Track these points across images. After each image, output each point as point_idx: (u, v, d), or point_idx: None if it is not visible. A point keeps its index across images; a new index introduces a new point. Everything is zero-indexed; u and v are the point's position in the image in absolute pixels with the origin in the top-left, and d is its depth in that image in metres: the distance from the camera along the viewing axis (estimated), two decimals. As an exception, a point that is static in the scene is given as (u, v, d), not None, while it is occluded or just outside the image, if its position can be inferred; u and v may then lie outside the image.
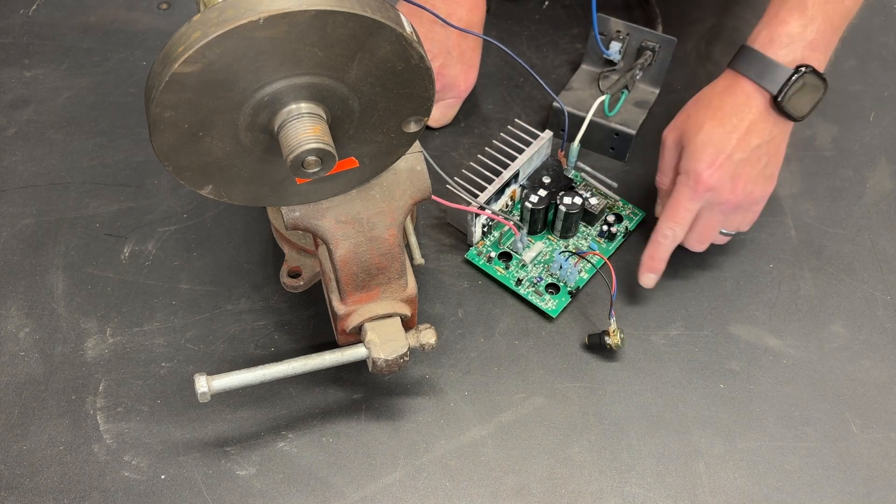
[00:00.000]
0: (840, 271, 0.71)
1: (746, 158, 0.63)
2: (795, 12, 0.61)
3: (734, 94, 0.63)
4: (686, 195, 0.64)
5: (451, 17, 0.72)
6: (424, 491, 0.59)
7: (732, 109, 0.63)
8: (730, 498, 0.59)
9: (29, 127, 0.79)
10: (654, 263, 0.66)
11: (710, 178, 0.62)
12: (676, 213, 0.65)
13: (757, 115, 0.62)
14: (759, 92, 0.62)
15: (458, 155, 0.78)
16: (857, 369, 0.65)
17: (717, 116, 0.63)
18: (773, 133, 0.63)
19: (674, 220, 0.65)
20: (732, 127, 0.62)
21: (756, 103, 0.62)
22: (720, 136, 0.62)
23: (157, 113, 0.42)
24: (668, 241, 0.65)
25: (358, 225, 0.54)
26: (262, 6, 0.40)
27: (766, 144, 0.63)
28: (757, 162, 0.63)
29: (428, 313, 0.67)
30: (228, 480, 0.59)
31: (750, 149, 0.62)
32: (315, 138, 0.44)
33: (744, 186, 0.63)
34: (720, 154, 0.62)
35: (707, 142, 0.63)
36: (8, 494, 0.57)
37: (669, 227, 0.65)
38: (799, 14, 0.61)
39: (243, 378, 0.54)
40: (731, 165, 0.62)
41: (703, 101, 0.65)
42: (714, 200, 0.64)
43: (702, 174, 0.63)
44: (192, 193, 0.74)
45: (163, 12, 0.90)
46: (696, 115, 0.65)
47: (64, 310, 0.67)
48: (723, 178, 0.63)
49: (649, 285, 0.66)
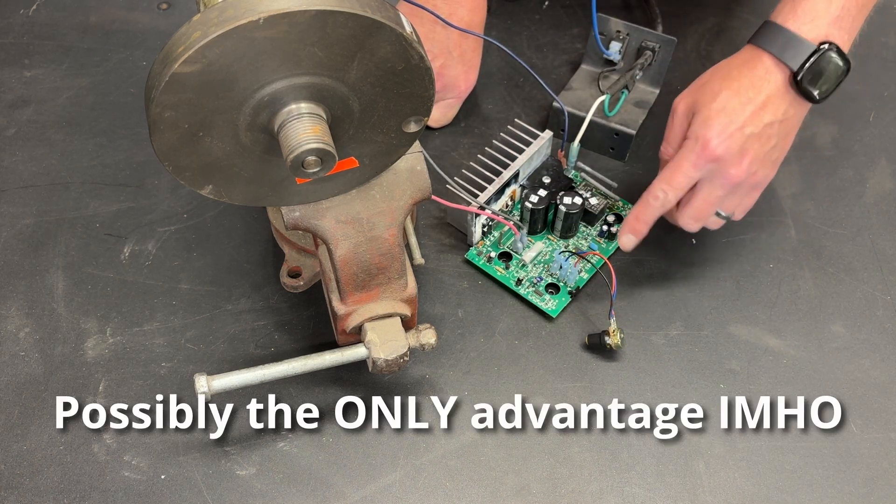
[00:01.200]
0: (840, 271, 0.71)
1: (757, 134, 0.61)
2: None
3: (753, 68, 0.62)
4: (690, 160, 0.62)
5: (452, 17, 0.72)
6: (424, 491, 0.59)
7: (750, 82, 0.61)
8: (730, 498, 0.59)
9: (29, 127, 0.79)
10: (637, 225, 0.64)
11: (718, 146, 0.61)
12: (674, 177, 0.62)
13: (774, 90, 0.61)
14: (778, 67, 0.61)
15: (458, 155, 0.78)
16: (857, 369, 0.65)
17: (733, 87, 0.61)
18: (788, 113, 0.62)
19: (669, 183, 0.62)
20: (748, 99, 0.61)
21: (775, 78, 0.61)
22: (735, 106, 0.61)
23: (157, 113, 0.42)
24: (657, 204, 0.63)
25: (358, 225, 0.54)
26: (262, 6, 0.40)
27: (778, 123, 0.62)
28: (767, 140, 0.62)
29: (428, 313, 0.67)
30: (228, 480, 0.59)
31: (762, 124, 0.61)
32: (315, 138, 0.44)
33: (749, 163, 0.62)
34: (732, 124, 0.61)
35: (721, 110, 0.61)
36: (8, 494, 0.57)
37: (662, 189, 0.63)
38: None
39: (243, 378, 0.54)
40: (741, 138, 0.61)
41: (721, 71, 0.63)
42: (717, 172, 0.62)
43: (710, 141, 0.61)
44: (192, 193, 0.74)
45: (163, 12, 0.90)
46: (711, 84, 0.63)
47: (64, 310, 0.67)
48: (730, 150, 0.61)
49: (628, 248, 0.65)
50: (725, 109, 0.61)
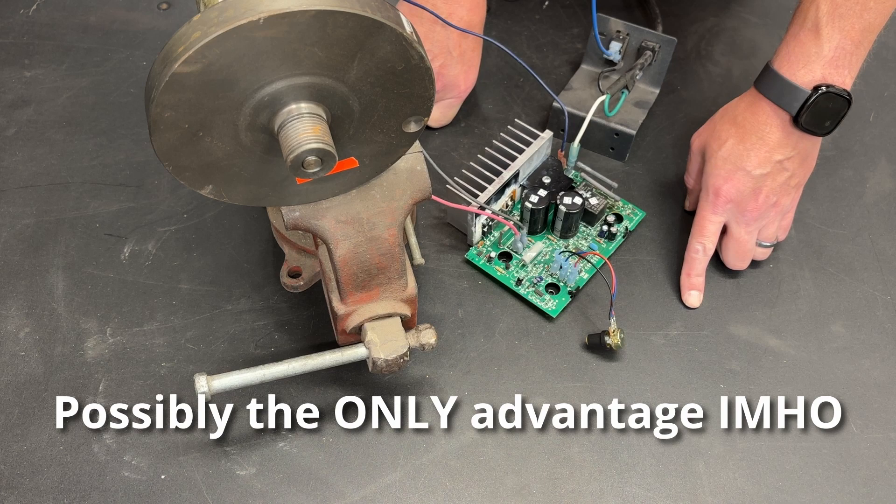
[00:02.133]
0: (840, 271, 0.71)
1: (768, 173, 0.64)
2: (811, 32, 0.60)
3: (755, 114, 0.64)
4: (708, 209, 0.66)
5: (452, 17, 0.72)
6: (424, 491, 0.59)
7: (753, 127, 0.64)
8: (730, 498, 0.59)
9: (29, 127, 0.79)
10: (691, 280, 0.68)
11: (729, 192, 0.64)
12: (703, 228, 0.67)
13: (778, 133, 0.63)
14: (778, 113, 0.63)
15: (458, 155, 0.78)
16: (857, 369, 0.65)
17: (738, 134, 0.64)
18: (798, 148, 0.64)
19: (701, 235, 0.67)
20: (752, 145, 0.64)
21: (776, 122, 0.63)
22: (739, 153, 0.64)
23: (157, 113, 0.42)
24: (700, 256, 0.67)
25: (358, 225, 0.54)
26: (262, 6, 0.40)
27: (789, 160, 0.64)
28: (779, 174, 0.64)
29: (428, 313, 0.67)
30: (228, 480, 0.59)
31: (771, 164, 0.64)
32: (315, 138, 0.44)
33: (766, 197, 0.65)
34: (738, 170, 0.64)
35: (726, 158, 0.65)
36: (8, 494, 0.57)
37: (699, 242, 0.67)
38: (814, 34, 0.60)
39: (243, 378, 0.54)
40: (750, 180, 0.64)
41: (728, 116, 0.66)
42: (737, 212, 0.66)
43: (720, 189, 0.65)
44: (192, 193, 0.74)
45: (163, 12, 0.90)
46: (720, 131, 0.66)
47: (64, 310, 0.67)
48: (742, 192, 0.64)
49: (695, 304, 0.68)
50: (730, 158, 0.64)
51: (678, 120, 0.81)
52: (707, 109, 0.76)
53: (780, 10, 0.92)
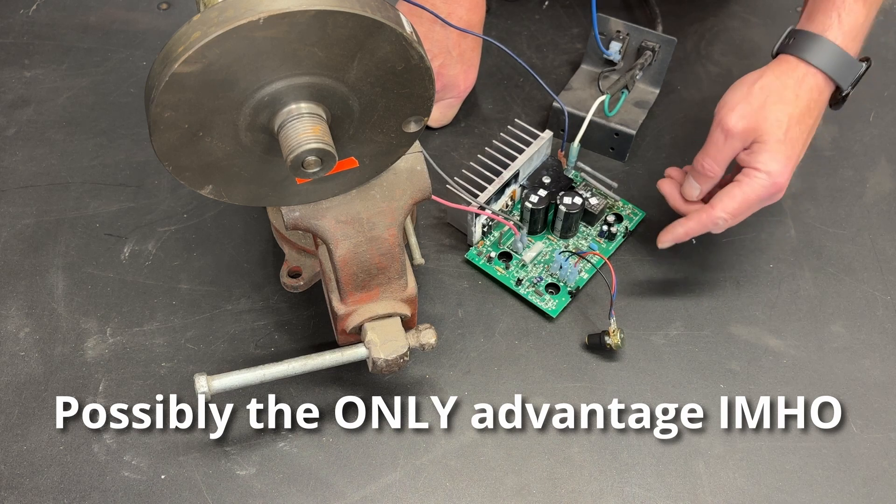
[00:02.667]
0: (840, 271, 0.71)
1: (803, 152, 0.63)
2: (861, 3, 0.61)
3: (810, 89, 0.61)
4: (759, 195, 0.61)
5: (451, 16, 0.72)
6: (424, 491, 0.59)
7: (807, 106, 0.61)
8: (730, 498, 0.59)
9: (29, 127, 0.79)
10: (684, 237, 0.64)
11: (783, 176, 0.61)
12: (740, 210, 0.62)
13: (822, 109, 0.62)
14: (829, 85, 0.62)
15: (458, 155, 0.78)
16: (857, 369, 0.65)
17: (795, 114, 0.61)
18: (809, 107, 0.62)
19: (733, 215, 0.62)
20: (807, 125, 0.62)
21: (825, 97, 0.62)
22: (797, 135, 0.61)
23: (157, 113, 0.42)
24: (716, 228, 0.63)
25: (358, 225, 0.54)
26: (262, 6, 0.40)
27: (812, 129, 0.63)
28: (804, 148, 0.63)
29: (428, 313, 0.67)
30: (228, 480, 0.59)
31: (808, 143, 0.63)
32: (315, 138, 0.44)
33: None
34: (794, 151, 0.61)
35: (785, 141, 0.60)
36: (8, 494, 0.57)
37: (724, 219, 0.62)
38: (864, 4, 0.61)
39: (243, 378, 0.54)
40: (797, 159, 0.62)
41: (776, 93, 0.61)
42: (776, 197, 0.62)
43: (780, 176, 0.60)
44: (192, 193, 0.74)
45: (163, 12, 0.90)
46: (773, 111, 0.61)
47: (64, 310, 0.67)
48: (790, 176, 0.62)
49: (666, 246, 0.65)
50: (790, 140, 0.61)
51: (678, 120, 0.81)
52: (707, 109, 0.76)
53: (780, 10, 0.91)
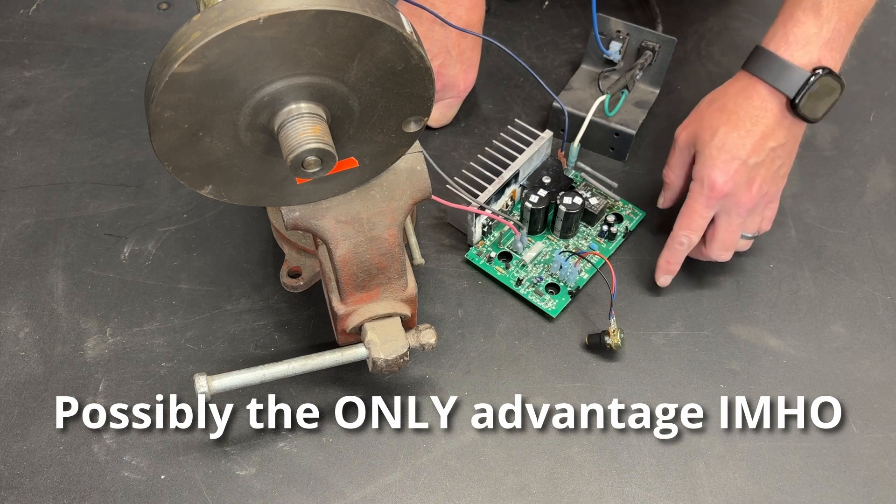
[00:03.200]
0: (840, 271, 0.71)
1: (762, 161, 0.62)
2: (811, 12, 0.60)
3: (749, 98, 0.62)
4: (701, 203, 0.64)
5: (451, 16, 0.72)
6: (424, 491, 0.59)
7: (747, 113, 0.62)
8: (730, 498, 0.59)
9: (29, 127, 0.79)
10: (670, 267, 0.67)
11: (725, 185, 0.62)
12: (692, 221, 0.64)
13: (772, 119, 0.62)
14: (774, 95, 0.61)
15: (458, 155, 0.78)
16: (857, 369, 0.65)
17: (731, 121, 0.62)
18: (788, 136, 0.63)
19: (689, 228, 0.65)
20: (747, 132, 0.62)
21: (772, 107, 0.61)
22: (734, 142, 0.62)
23: (157, 113, 0.42)
24: (683, 248, 0.66)
25: (358, 225, 0.54)
26: (262, 6, 0.40)
27: (780, 147, 0.63)
28: (772, 164, 0.63)
29: (428, 313, 0.67)
30: (228, 480, 0.59)
31: (765, 152, 0.62)
32: (315, 138, 0.44)
33: (759, 188, 0.63)
34: (735, 160, 0.62)
35: (721, 147, 0.62)
36: (8, 494, 0.57)
37: (685, 235, 0.65)
38: (814, 14, 0.60)
39: (243, 378, 0.54)
40: (745, 170, 0.62)
41: (717, 103, 0.64)
42: (730, 205, 0.64)
43: (716, 181, 0.62)
44: (192, 193, 0.74)
45: (163, 12, 0.90)
46: (710, 119, 0.64)
47: (64, 310, 0.67)
48: (738, 183, 0.62)
49: (665, 284, 0.68)
50: (726, 146, 0.62)
51: (678, 120, 0.81)
52: (707, 109, 0.76)
53: (780, 10, 0.91)
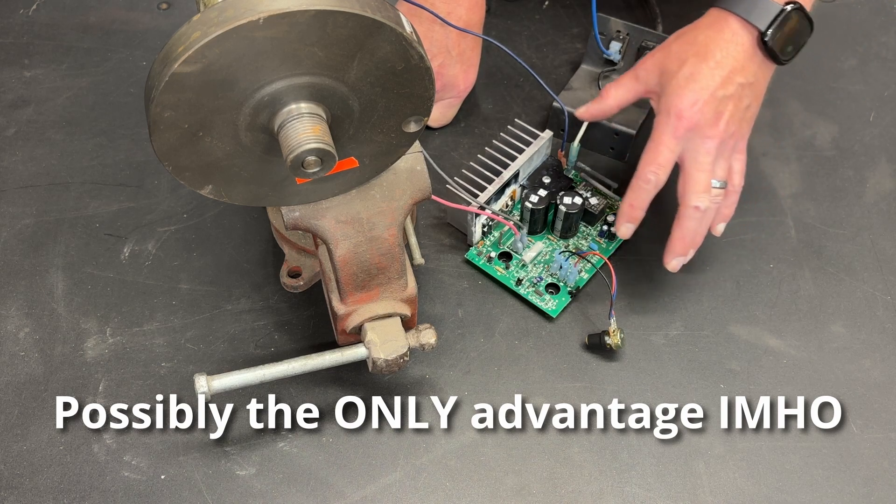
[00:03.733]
0: (840, 271, 0.71)
1: (730, 95, 0.60)
2: None
3: (720, 31, 0.61)
4: (667, 134, 0.61)
5: (451, 16, 0.72)
6: (424, 491, 0.59)
7: (717, 46, 0.60)
8: (730, 498, 0.59)
9: (29, 127, 0.79)
10: (633, 212, 0.63)
11: (693, 115, 0.60)
12: (658, 155, 0.61)
13: (742, 53, 0.60)
14: (745, 29, 0.60)
15: (458, 155, 0.78)
16: (857, 369, 0.65)
17: (700, 52, 0.61)
18: (757, 75, 0.61)
19: (655, 163, 0.62)
20: (716, 63, 0.60)
21: (742, 41, 0.60)
22: (703, 73, 0.60)
23: (157, 113, 0.42)
24: (650, 187, 0.62)
25: (358, 225, 0.54)
26: (262, 6, 0.40)
27: (749, 85, 0.61)
28: (740, 101, 0.61)
29: (428, 313, 0.67)
30: (228, 480, 0.59)
31: (734, 86, 0.60)
32: (315, 138, 0.44)
33: (726, 124, 0.61)
34: (703, 90, 0.60)
35: (689, 77, 0.60)
36: (8, 494, 0.57)
37: (652, 172, 0.62)
38: None
39: (243, 378, 0.54)
40: (713, 102, 0.60)
41: (687, 37, 0.62)
42: (696, 140, 0.61)
43: (684, 112, 0.60)
44: (192, 193, 0.74)
45: (163, 12, 0.90)
46: (678, 52, 0.62)
47: (64, 310, 0.67)
48: (705, 115, 0.60)
49: (626, 235, 0.64)
50: (694, 76, 0.61)
51: (678, 120, 0.81)
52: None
53: (780, 10, 0.92)
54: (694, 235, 0.63)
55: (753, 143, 0.79)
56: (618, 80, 0.66)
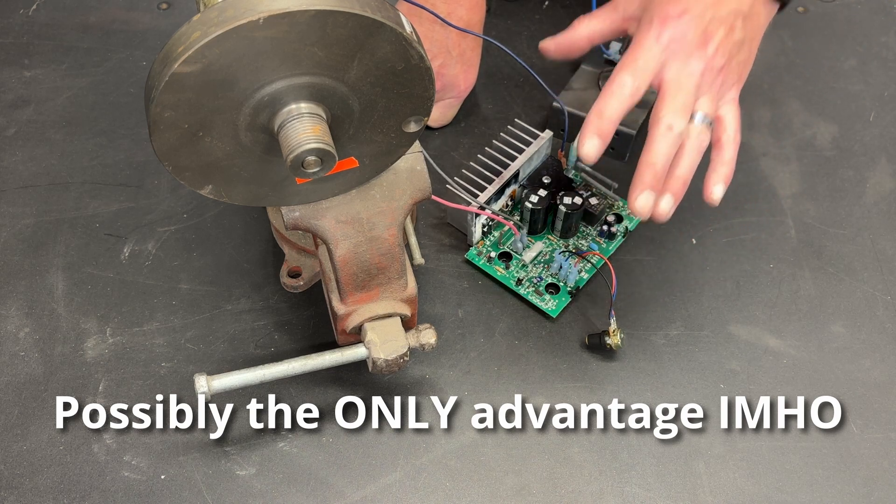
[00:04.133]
0: (840, 271, 0.71)
1: (722, 17, 0.55)
2: None
3: None
4: (650, 38, 0.54)
5: (451, 16, 0.72)
6: (424, 491, 0.59)
7: None
8: (730, 498, 0.59)
9: (29, 127, 0.79)
10: (601, 123, 0.55)
11: (679, 24, 0.54)
12: (637, 58, 0.54)
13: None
14: None
15: (458, 155, 0.78)
16: (857, 369, 0.65)
17: None
18: (754, 9, 0.56)
19: (632, 65, 0.54)
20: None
21: None
22: None
23: (157, 113, 0.42)
24: (623, 91, 0.54)
25: (358, 225, 0.54)
26: (262, 6, 0.40)
27: (744, 16, 0.56)
28: (732, 30, 0.55)
29: (428, 313, 0.67)
30: (228, 480, 0.59)
31: (727, 10, 0.55)
32: (315, 138, 0.44)
33: (716, 50, 0.55)
34: (693, 4, 0.54)
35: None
36: (8, 494, 0.57)
37: (629, 73, 0.54)
38: None
39: (243, 378, 0.55)
40: (702, 21, 0.54)
41: None
42: (680, 53, 0.55)
43: (669, 18, 0.54)
44: (192, 193, 0.74)
45: (163, 12, 0.90)
46: None
47: (64, 310, 0.67)
48: (692, 29, 0.54)
49: (591, 155, 0.55)
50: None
51: (678, 120, 0.81)
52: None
53: (780, 10, 0.92)
54: (665, 164, 0.55)
55: (753, 143, 0.79)
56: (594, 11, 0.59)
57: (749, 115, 0.81)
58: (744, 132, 0.79)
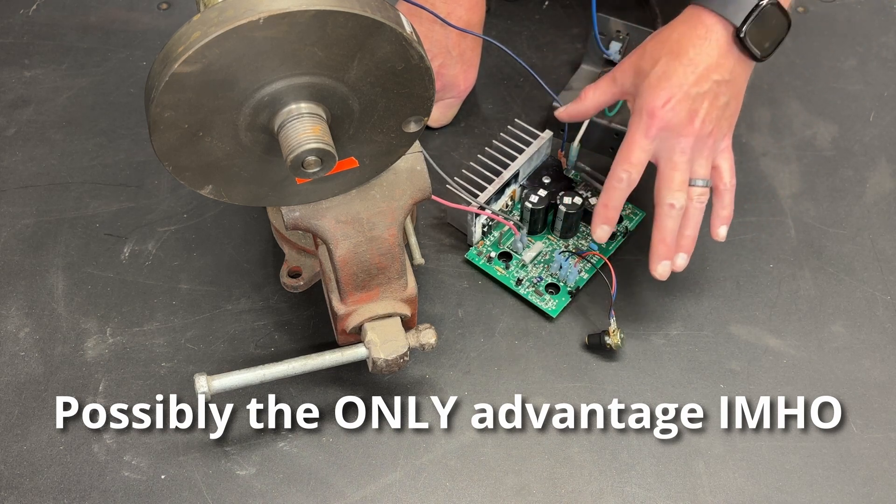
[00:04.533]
0: (840, 271, 0.71)
1: (705, 93, 0.59)
2: None
3: (694, 28, 0.60)
4: (640, 132, 0.60)
5: (451, 16, 0.72)
6: (424, 491, 0.59)
7: (691, 42, 0.59)
8: (730, 498, 0.59)
9: (29, 127, 0.79)
10: (608, 212, 0.62)
11: (665, 114, 0.59)
12: (630, 154, 0.60)
13: (717, 49, 0.59)
14: (720, 24, 0.59)
15: (458, 155, 0.78)
16: (857, 369, 0.65)
17: (674, 50, 0.60)
18: (735, 72, 0.60)
19: (628, 162, 0.60)
20: (689, 60, 0.59)
21: (717, 37, 0.59)
22: (676, 70, 0.59)
23: (157, 113, 0.42)
24: (623, 185, 0.61)
25: (358, 225, 0.54)
26: (262, 6, 0.40)
27: (726, 83, 0.60)
28: (716, 98, 0.60)
29: (428, 313, 0.67)
30: (228, 480, 0.59)
31: (709, 83, 0.59)
32: (315, 138, 0.44)
33: (702, 123, 0.60)
34: (677, 89, 0.59)
35: (662, 76, 0.59)
36: (8, 494, 0.58)
37: (624, 170, 0.61)
38: None
39: (243, 378, 0.55)
40: (688, 101, 0.59)
41: (661, 35, 0.62)
42: (671, 140, 0.60)
43: (656, 110, 0.59)
44: (192, 193, 0.74)
45: (163, 12, 0.90)
46: (652, 51, 0.61)
47: (64, 310, 0.67)
48: (678, 115, 0.59)
49: (604, 239, 0.63)
50: (667, 74, 0.60)
51: (678, 120, 0.81)
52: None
53: (780, 10, 0.92)
54: (674, 236, 0.62)
55: (753, 143, 0.79)
56: (597, 82, 0.66)
57: (749, 115, 0.81)
58: (744, 132, 0.80)
